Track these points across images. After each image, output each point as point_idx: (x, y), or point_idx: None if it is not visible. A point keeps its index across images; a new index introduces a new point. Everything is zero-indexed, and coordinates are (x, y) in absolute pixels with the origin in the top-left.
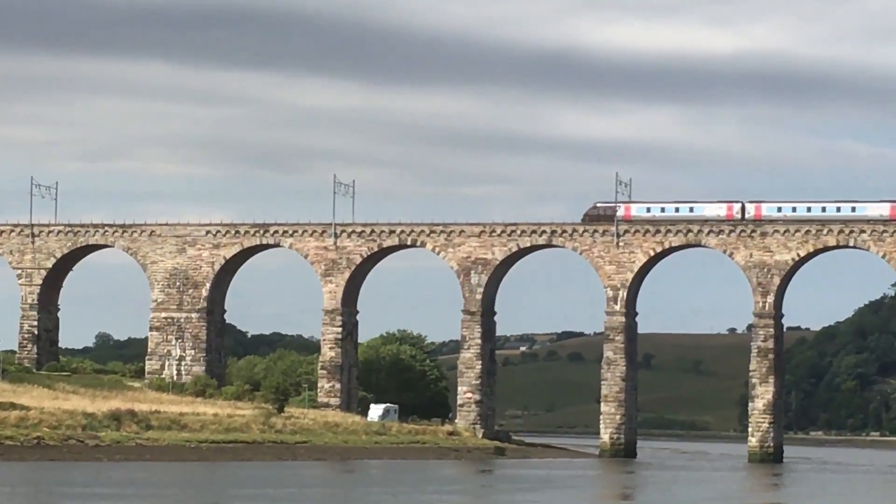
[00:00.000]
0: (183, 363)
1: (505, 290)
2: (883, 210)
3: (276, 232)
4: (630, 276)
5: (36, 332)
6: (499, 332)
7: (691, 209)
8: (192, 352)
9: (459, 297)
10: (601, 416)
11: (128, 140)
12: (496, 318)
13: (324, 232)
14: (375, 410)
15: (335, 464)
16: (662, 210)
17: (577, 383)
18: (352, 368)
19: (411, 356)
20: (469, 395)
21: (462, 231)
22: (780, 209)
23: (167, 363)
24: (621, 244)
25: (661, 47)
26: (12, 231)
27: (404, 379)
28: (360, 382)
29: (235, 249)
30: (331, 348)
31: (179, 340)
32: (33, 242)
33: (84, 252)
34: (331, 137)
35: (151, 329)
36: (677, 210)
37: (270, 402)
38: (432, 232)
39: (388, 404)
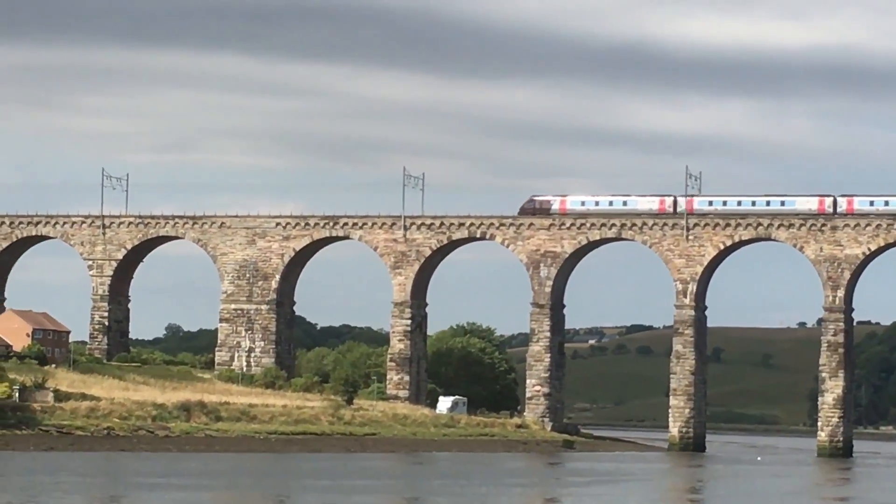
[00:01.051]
0: (252, 354)
1: (574, 283)
2: None
3: (345, 224)
4: (700, 269)
5: (107, 323)
6: (568, 325)
7: (624, 203)
8: (262, 343)
9: (528, 289)
10: (670, 410)
11: (199, 132)
12: (565, 311)
13: (393, 224)
14: (444, 403)
15: (404, 456)
16: (597, 203)
17: (646, 377)
18: (420, 361)
19: (480, 349)
20: (538, 387)
21: (531, 224)
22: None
23: (237, 354)
24: (691, 237)
25: (734, 40)
26: (83, 222)
27: (473, 372)
28: (428, 375)
29: (305, 241)
30: (400, 340)
31: (249, 332)
32: (104, 234)
33: (154, 243)
34: (401, 129)
35: (221, 320)
36: (611, 203)
37: (339, 393)
38: (501, 225)
39: (457, 397)
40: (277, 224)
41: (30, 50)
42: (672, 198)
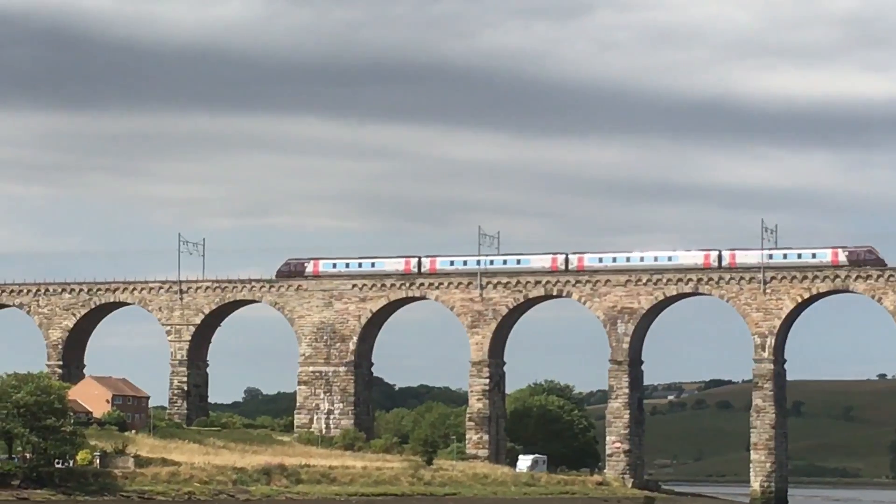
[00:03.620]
0: (331, 416)
1: (652, 339)
2: None
3: (421, 284)
4: (778, 322)
5: (186, 388)
6: (646, 381)
7: (373, 264)
8: (341, 405)
9: (606, 346)
10: (751, 465)
11: (277, 195)
12: (643, 367)
13: (469, 283)
14: (524, 461)
15: None
16: (347, 266)
17: (726, 431)
18: (499, 419)
19: (559, 406)
20: (618, 444)
21: (608, 280)
22: None
23: (316, 417)
24: (768, 291)
25: (815, 93)
26: (161, 288)
27: (552, 429)
28: (508, 433)
29: (382, 302)
30: (478, 400)
31: (328, 394)
32: (181, 299)
33: (232, 307)
34: (478, 189)
35: (300, 383)
36: (360, 265)
37: (419, 454)
38: (577, 282)
39: (537, 455)
40: (354, 286)
41: (111, 118)
42: (415, 258)
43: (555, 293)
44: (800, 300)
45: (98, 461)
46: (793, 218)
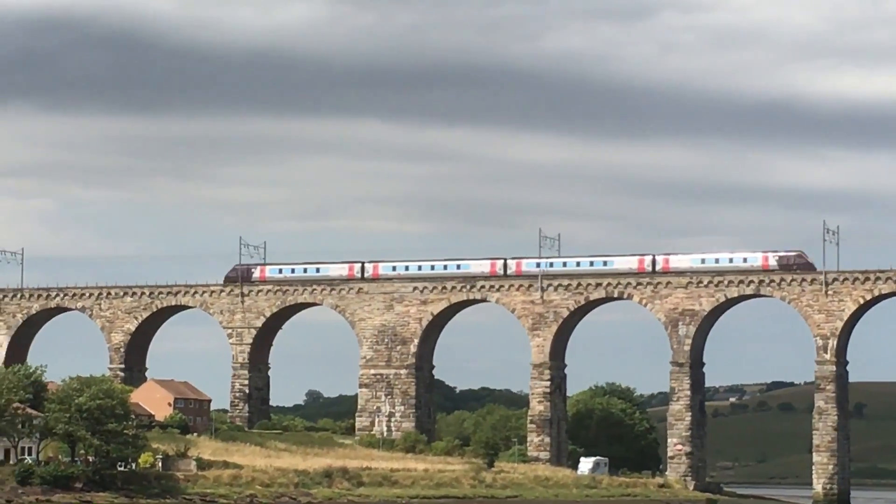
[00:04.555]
0: (393, 419)
1: (713, 341)
2: None
3: (482, 287)
4: (840, 324)
5: (247, 391)
6: (708, 383)
7: (317, 269)
8: (402, 408)
9: (667, 348)
10: (813, 467)
11: (339, 198)
12: (705, 369)
13: (530, 286)
14: (585, 464)
15: None
16: (293, 271)
17: (789, 433)
18: (561, 422)
19: (621, 409)
20: (679, 446)
21: (669, 282)
22: None
23: (377, 419)
24: (830, 292)
25: (879, 94)
26: (222, 291)
27: (614, 432)
28: (569, 436)
29: (443, 305)
30: (539, 402)
31: (389, 397)
32: (243, 302)
33: (293, 310)
34: (540, 191)
35: (361, 386)
36: (305, 271)
37: (480, 456)
38: (639, 284)
39: (599, 457)
40: (415, 288)
41: (175, 122)
42: (360, 264)
43: (616, 295)
44: (862, 301)
45: (160, 464)
46: (855, 219)
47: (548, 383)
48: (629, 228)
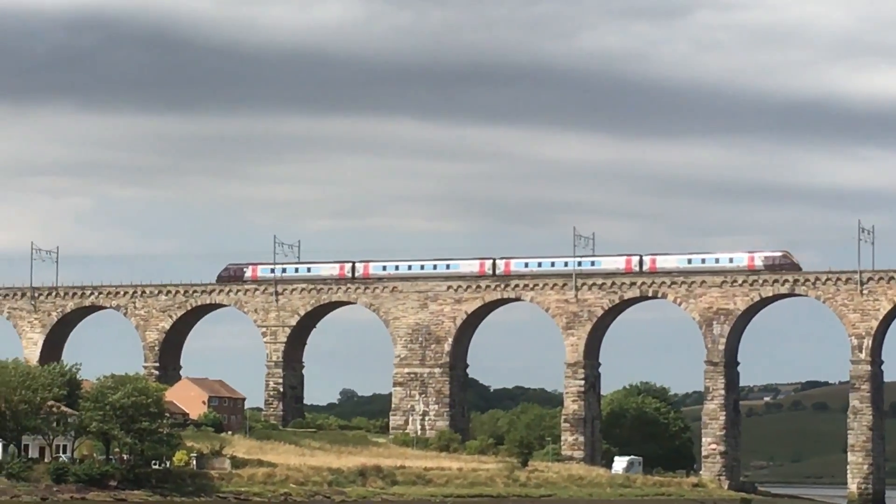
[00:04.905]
0: (427, 418)
1: (748, 340)
2: None
3: (516, 286)
4: (875, 323)
5: (281, 390)
6: (742, 382)
7: (308, 269)
8: (436, 406)
9: (702, 347)
10: (848, 466)
11: (374, 197)
12: (739, 368)
13: (564, 285)
14: (620, 463)
15: None
16: (284, 270)
17: (823, 433)
18: (595, 421)
19: (655, 408)
20: (714, 446)
21: (703, 282)
22: None
23: (411, 418)
24: (865, 292)
25: None
26: (257, 290)
27: (648, 431)
28: (603, 435)
29: (477, 304)
30: (573, 401)
31: (423, 395)
32: (277, 300)
33: (327, 309)
34: (574, 190)
35: (395, 384)
36: (297, 270)
37: (514, 455)
38: (673, 283)
39: (633, 456)
40: (449, 287)
41: (210, 121)
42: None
43: (650, 294)
44: None
45: (194, 463)
46: (891, 218)
47: (582, 382)
48: (664, 227)
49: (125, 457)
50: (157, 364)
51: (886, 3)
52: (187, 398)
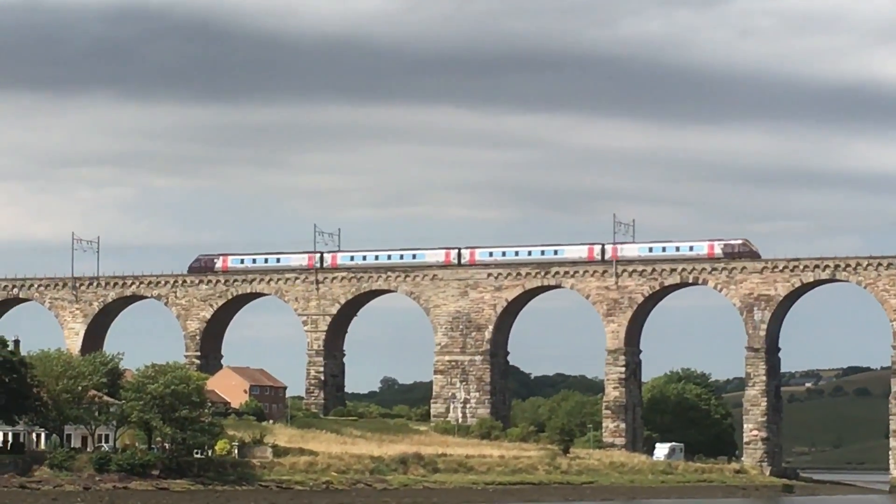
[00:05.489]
0: (468, 406)
1: (789, 326)
2: None
3: (556, 273)
4: None
5: (322, 378)
6: (783, 368)
7: (277, 260)
8: (477, 394)
9: (743, 333)
10: (890, 452)
11: (415, 185)
12: (780, 354)
13: (605, 272)
14: (661, 449)
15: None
16: (254, 261)
17: (865, 419)
18: (636, 408)
19: (696, 394)
20: (755, 432)
21: (744, 268)
22: None
23: (452, 406)
24: None
25: None
26: (297, 278)
27: (689, 417)
28: (644, 421)
29: (517, 291)
30: (615, 388)
31: (464, 383)
32: (318, 289)
33: (368, 297)
34: (615, 177)
35: (436, 372)
36: (266, 261)
37: (556, 442)
38: (714, 269)
39: (674, 443)
40: (489, 275)
41: (252, 110)
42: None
43: (690, 281)
44: None
45: (236, 451)
46: None
47: (623, 369)
48: (706, 214)
49: (167, 446)
50: (199, 353)
51: None
52: (228, 387)
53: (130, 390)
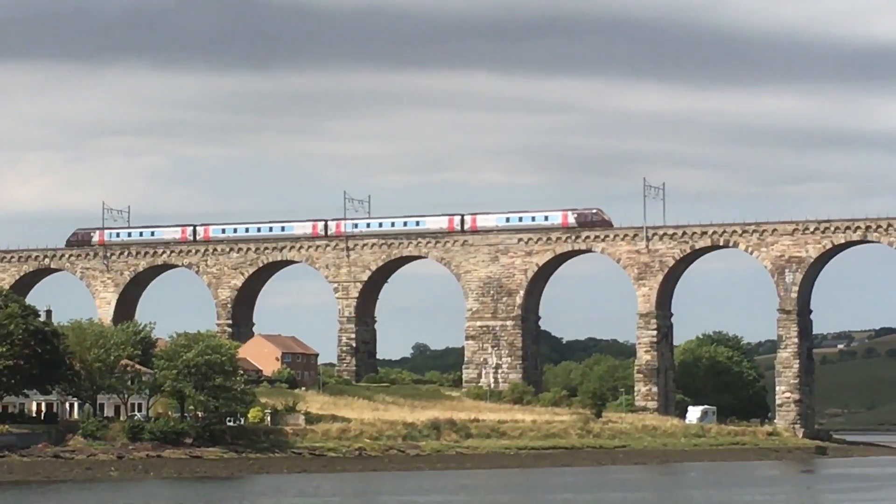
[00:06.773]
0: (500, 371)
1: (820, 288)
2: None
3: (587, 237)
4: None
5: (354, 345)
6: (815, 330)
7: (142, 233)
8: (509, 359)
9: (774, 296)
10: None
11: (447, 151)
12: (812, 316)
13: (636, 235)
14: (693, 413)
15: (655, 467)
16: (129, 235)
17: None
18: (668, 371)
19: (728, 357)
20: (788, 394)
21: (775, 230)
22: None
23: (484, 371)
24: None
25: None
26: (328, 245)
27: (722, 380)
28: (676, 385)
29: (548, 256)
30: (646, 352)
31: (495, 348)
32: (348, 256)
33: (399, 263)
34: (650, 141)
35: (467, 338)
36: (141, 234)
37: (588, 407)
38: (744, 232)
39: (706, 406)
40: (520, 240)
41: (283, 78)
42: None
43: (721, 243)
44: None
45: (269, 419)
46: None
47: (654, 332)
48: (738, 177)
49: (199, 414)
50: (230, 321)
51: None
52: (260, 355)
53: (163, 359)
